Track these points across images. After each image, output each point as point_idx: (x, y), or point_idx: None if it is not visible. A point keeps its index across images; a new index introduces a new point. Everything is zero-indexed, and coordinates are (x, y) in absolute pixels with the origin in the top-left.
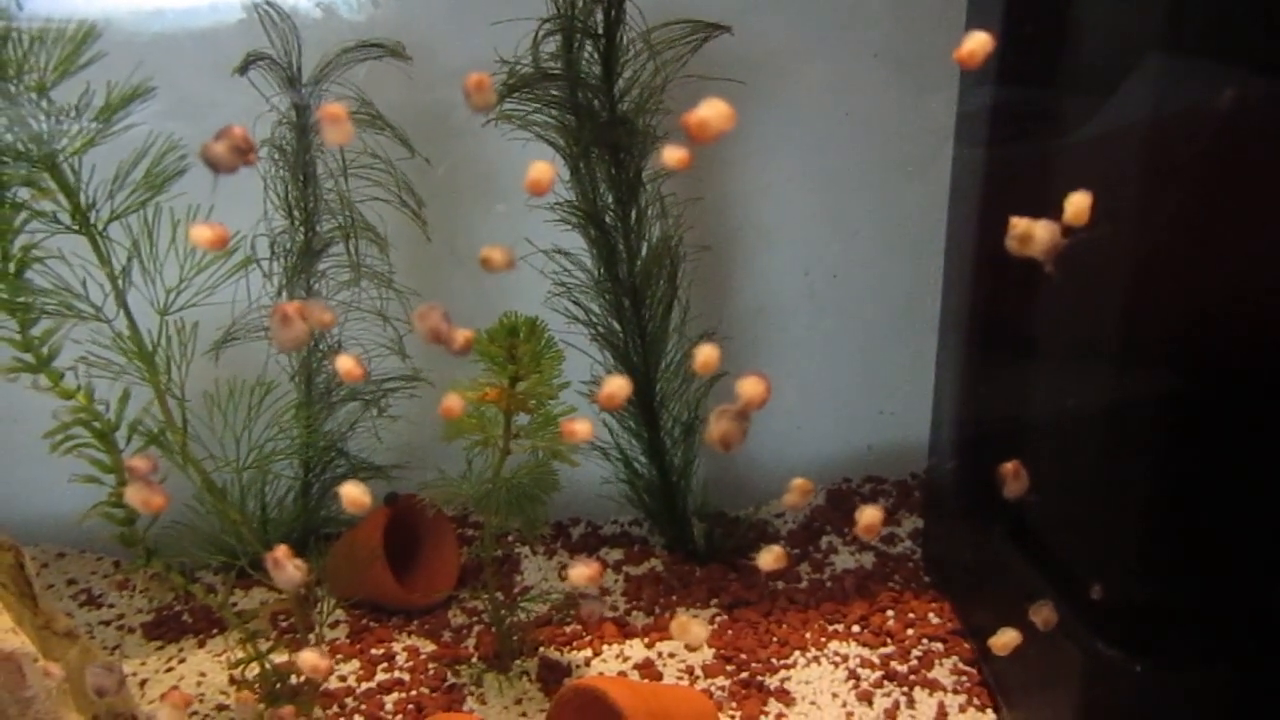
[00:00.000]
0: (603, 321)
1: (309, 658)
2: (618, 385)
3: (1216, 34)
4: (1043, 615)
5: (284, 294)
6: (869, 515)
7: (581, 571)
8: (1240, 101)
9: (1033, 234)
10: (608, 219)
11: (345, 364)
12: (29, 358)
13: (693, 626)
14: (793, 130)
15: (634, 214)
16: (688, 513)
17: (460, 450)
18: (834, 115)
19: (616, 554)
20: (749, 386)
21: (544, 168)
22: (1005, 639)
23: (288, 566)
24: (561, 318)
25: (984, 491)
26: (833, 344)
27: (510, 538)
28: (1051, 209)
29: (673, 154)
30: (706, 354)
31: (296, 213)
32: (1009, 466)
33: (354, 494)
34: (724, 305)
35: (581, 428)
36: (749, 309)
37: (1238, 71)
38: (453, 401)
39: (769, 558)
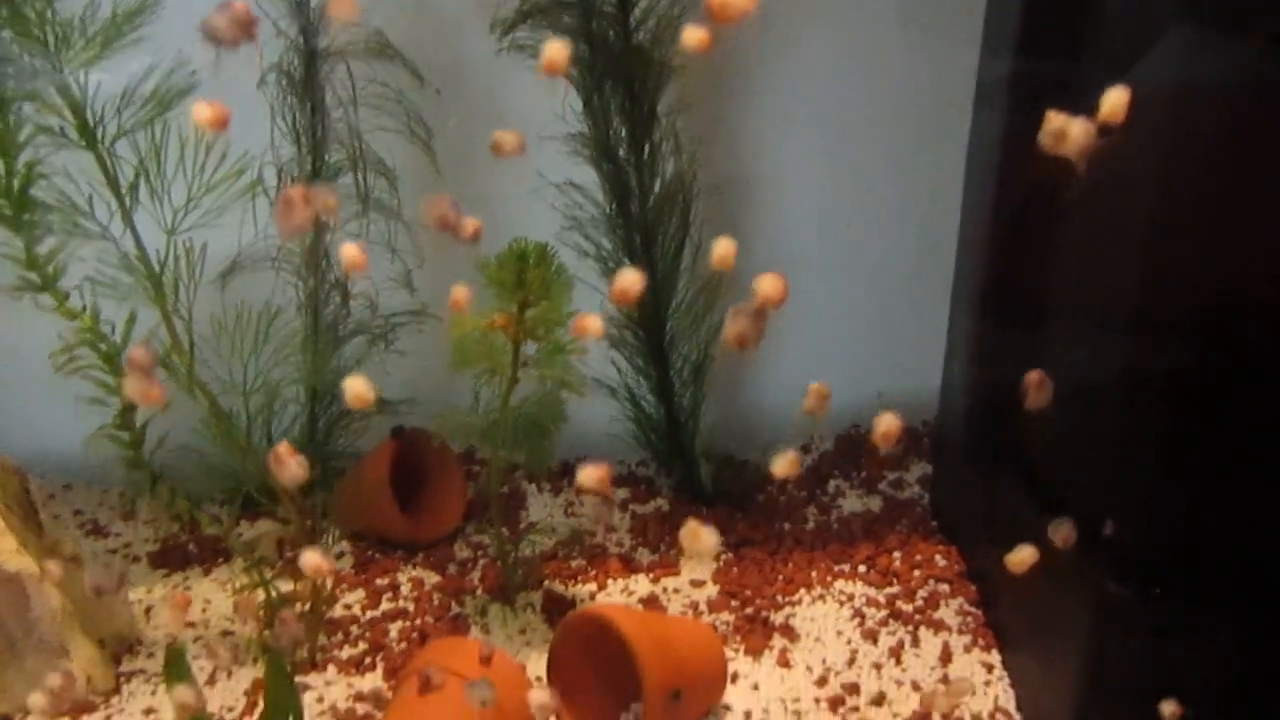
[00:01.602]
0: (614, 258)
1: (311, 558)
2: (631, 279)
3: (1240, 3)
4: (1062, 533)
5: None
6: (886, 422)
7: (591, 473)
8: (1264, 72)
9: (1068, 131)
10: (621, 153)
11: (350, 253)
12: (34, 276)
13: (702, 533)
14: (811, 77)
15: (648, 149)
16: (695, 454)
17: (467, 390)
18: (853, 64)
19: (623, 493)
20: (767, 284)
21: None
22: (1022, 555)
23: (290, 463)
24: (573, 253)
25: (994, 437)
26: (844, 290)
27: (516, 474)
28: (1069, 181)
29: (693, 34)
30: (724, 247)
31: (304, 140)
32: (1033, 376)
33: (358, 388)
34: (737, 247)
35: (593, 323)
36: (760, 252)
37: (1262, 41)
38: (460, 293)
39: (783, 463)
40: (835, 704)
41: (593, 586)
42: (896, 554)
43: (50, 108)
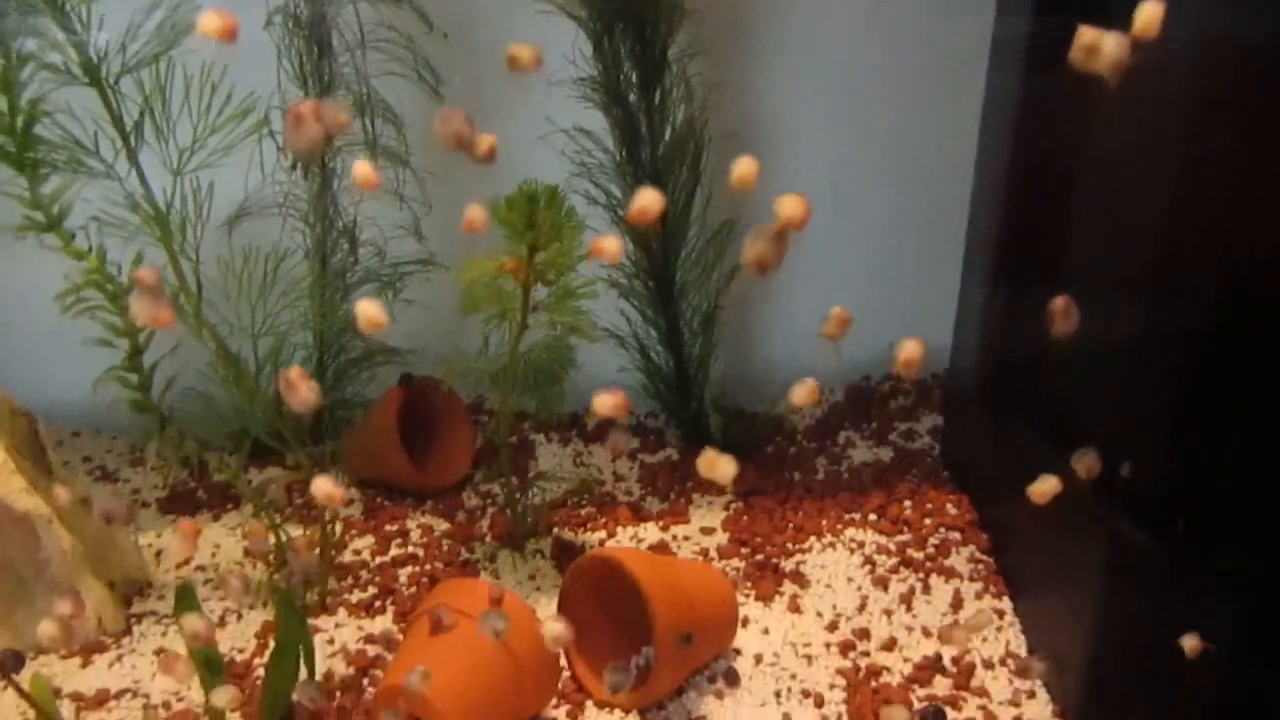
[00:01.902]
0: (623, 206)
1: (322, 484)
2: (650, 199)
3: None
4: (1085, 463)
5: (298, 169)
6: (909, 349)
7: (607, 400)
8: None
9: (1100, 46)
10: (631, 99)
11: (362, 170)
12: (39, 216)
13: (720, 461)
14: (827, 26)
15: (658, 95)
16: (704, 406)
17: (476, 340)
18: (869, 15)
19: (632, 443)
20: (788, 205)
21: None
22: (1045, 485)
23: (301, 388)
24: (581, 200)
25: (1009, 386)
26: (855, 243)
27: (525, 424)
28: (1087, 139)
29: None
30: (745, 166)
31: (311, 84)
32: (1058, 302)
33: (370, 311)
34: (745, 197)
35: (610, 245)
36: (771, 203)
37: None
38: (475, 213)
39: (802, 392)
40: (846, 649)
41: (602, 534)
42: (907, 503)
43: (53, 44)
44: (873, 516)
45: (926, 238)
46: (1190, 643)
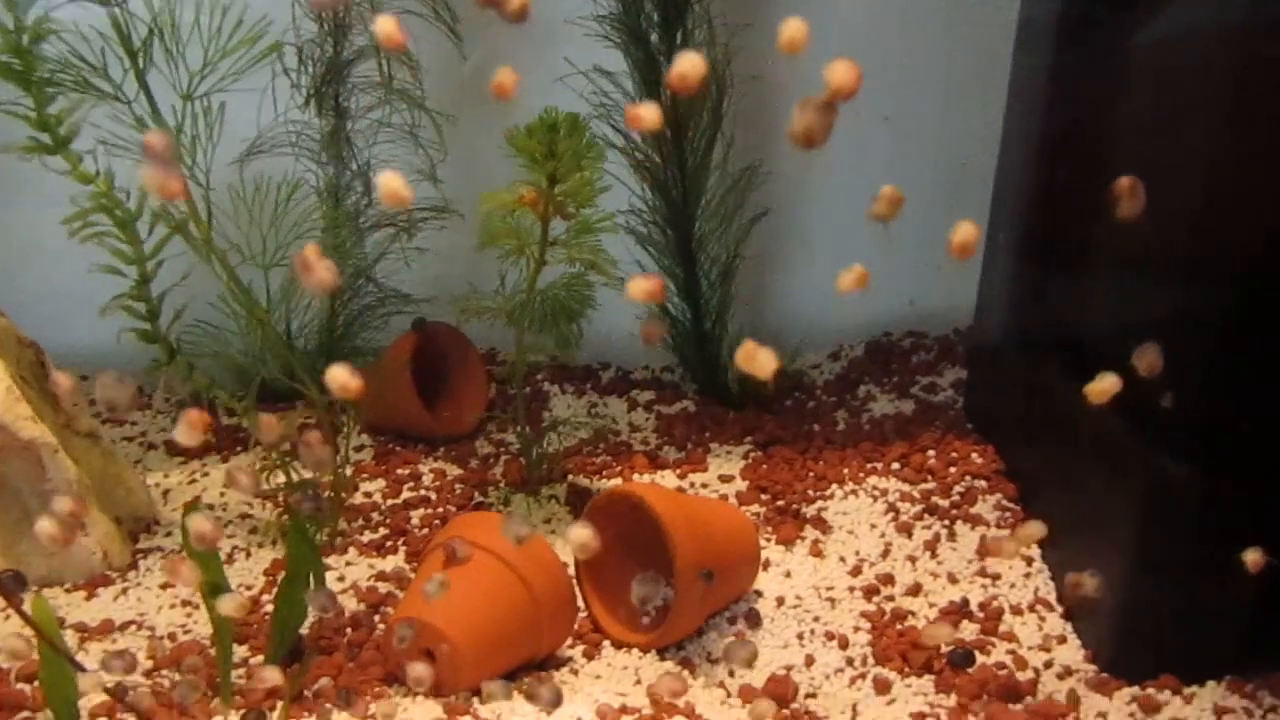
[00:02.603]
0: (641, 150)
1: (338, 374)
2: (690, 63)
3: None
4: (1147, 360)
5: (311, 104)
6: (963, 231)
7: (640, 285)
8: None
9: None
10: (652, 39)
11: (385, 25)
12: (45, 138)
13: (760, 354)
14: None
15: (680, 35)
16: (721, 359)
17: (491, 288)
18: None
19: (647, 395)
20: (838, 73)
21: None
22: (1104, 384)
23: (318, 268)
24: (599, 143)
25: (1040, 334)
26: (879, 191)
27: (539, 375)
28: (1124, 104)
29: None
30: (793, 28)
31: (326, 20)
32: (1124, 181)
33: (393, 185)
34: (767, 143)
35: (649, 113)
36: (791, 152)
37: None
38: (505, 75)
39: (850, 277)
40: (870, 593)
41: (618, 481)
42: (931, 452)
43: None
44: (895, 465)
45: (952, 190)
46: (1253, 557)
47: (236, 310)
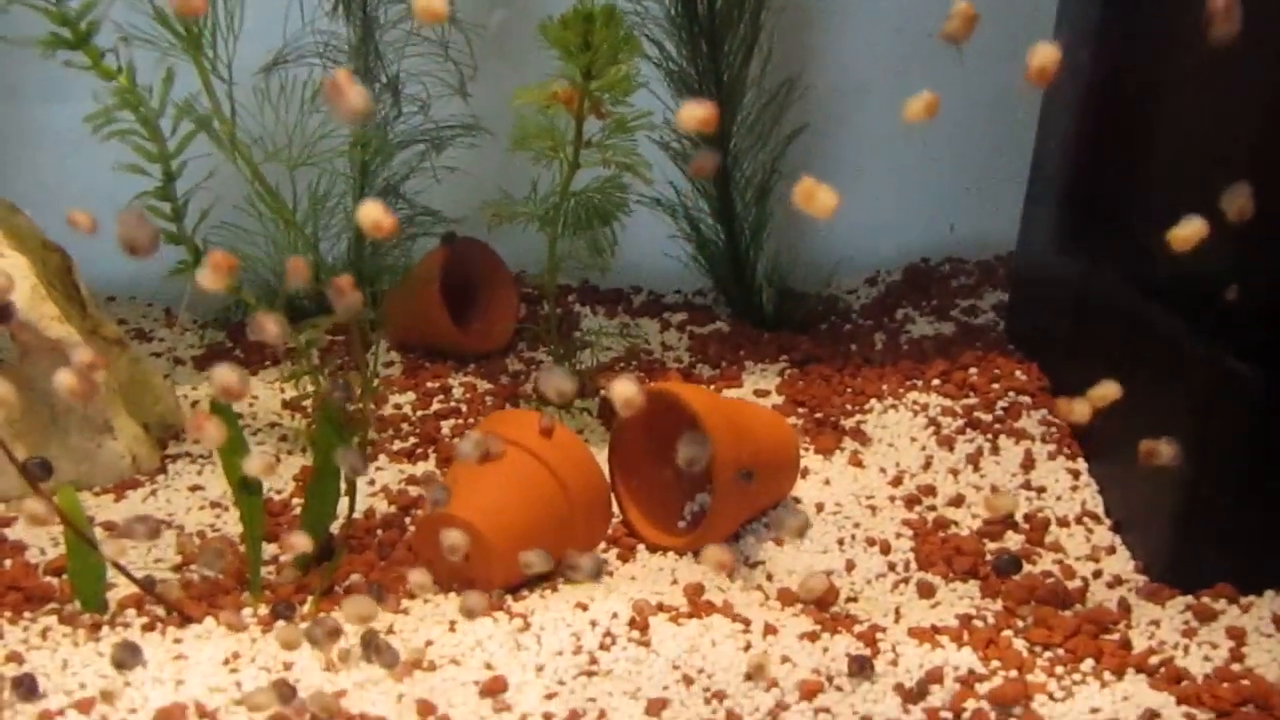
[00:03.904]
0: (677, 63)
1: (371, 210)
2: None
3: None
4: (1237, 202)
5: (339, 12)
6: (1042, 53)
7: (693, 112)
8: None
9: None
10: None
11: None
12: (65, 33)
13: (820, 190)
14: None
15: None
16: (755, 281)
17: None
18: None
19: (680, 316)
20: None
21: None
22: (1189, 230)
23: (349, 92)
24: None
25: (1090, 248)
26: (918, 124)
27: (570, 297)
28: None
29: None
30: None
31: None
32: (1218, 2)
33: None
34: (807, 59)
35: None
36: (832, 72)
37: None
38: None
39: (919, 104)
40: (911, 502)
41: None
42: (973, 369)
43: None
44: (936, 381)
45: (1001, 105)
46: None
47: (263, 212)
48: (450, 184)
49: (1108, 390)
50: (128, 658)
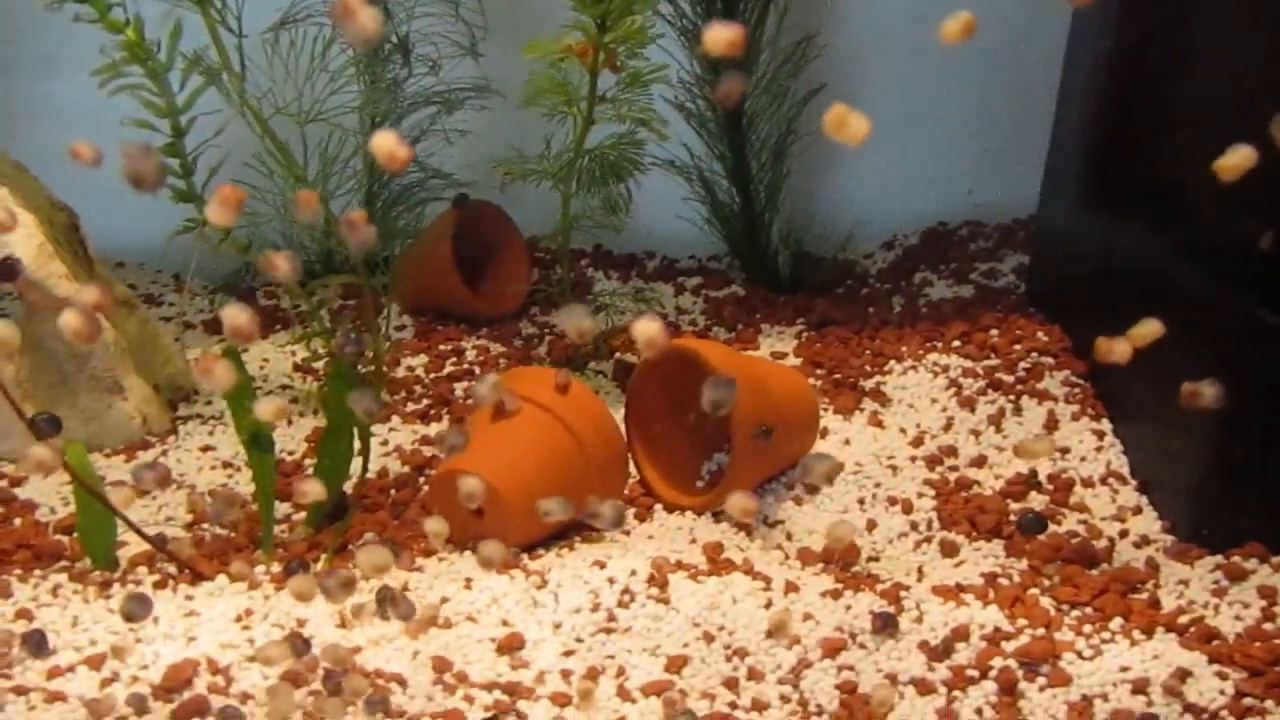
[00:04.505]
0: (691, 19)
1: (384, 141)
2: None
3: None
4: (1239, 157)
5: None
6: None
7: (719, 33)
8: None
9: None
10: None
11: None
12: None
13: (851, 118)
14: None
15: None
16: (771, 244)
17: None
18: None
19: (694, 281)
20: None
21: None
22: (1236, 158)
23: (360, 14)
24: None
25: (1119, 199)
26: (939, 71)
27: (583, 261)
28: None
29: None
30: None
31: None
32: None
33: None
34: (825, 18)
35: None
36: (849, 32)
37: None
38: None
39: (956, 25)
40: (933, 462)
41: None
42: (994, 331)
43: None
44: (956, 343)
45: (1021, 63)
46: None
47: (273, 170)
48: (462, 147)
49: (1149, 328)
50: (137, 609)
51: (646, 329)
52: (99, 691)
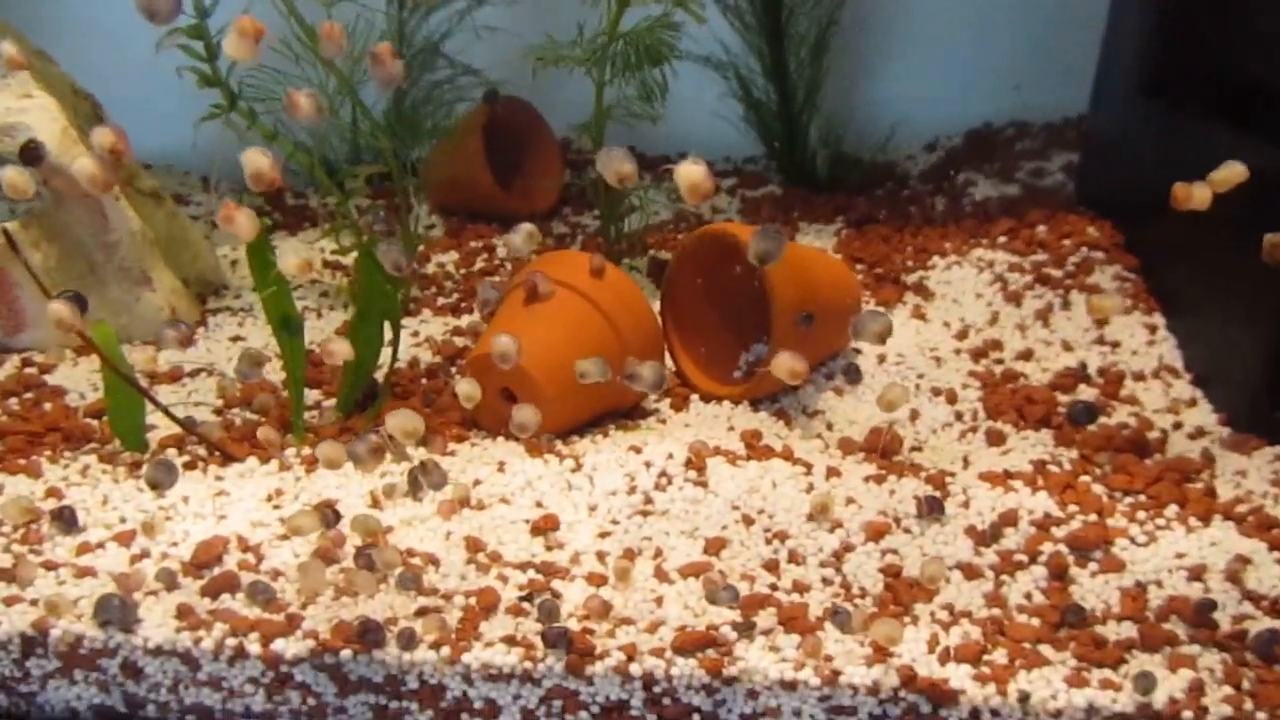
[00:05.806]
0: None
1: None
2: None
3: None
4: None
5: None
6: None
7: None
8: None
9: None
10: None
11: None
12: None
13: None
14: None
15: None
16: (809, 144)
17: (561, 74)
18: None
19: (730, 181)
20: None
21: None
22: None
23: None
24: None
25: (1181, 94)
26: None
27: None
28: None
29: None
30: None
31: None
32: None
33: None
34: None
35: None
36: None
37: None
38: None
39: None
40: (978, 355)
41: None
42: (1041, 227)
43: None
44: (1002, 239)
45: None
46: None
47: (299, 55)
48: (491, 43)
49: (1232, 171)
50: (163, 476)
51: (691, 172)
52: (129, 567)
